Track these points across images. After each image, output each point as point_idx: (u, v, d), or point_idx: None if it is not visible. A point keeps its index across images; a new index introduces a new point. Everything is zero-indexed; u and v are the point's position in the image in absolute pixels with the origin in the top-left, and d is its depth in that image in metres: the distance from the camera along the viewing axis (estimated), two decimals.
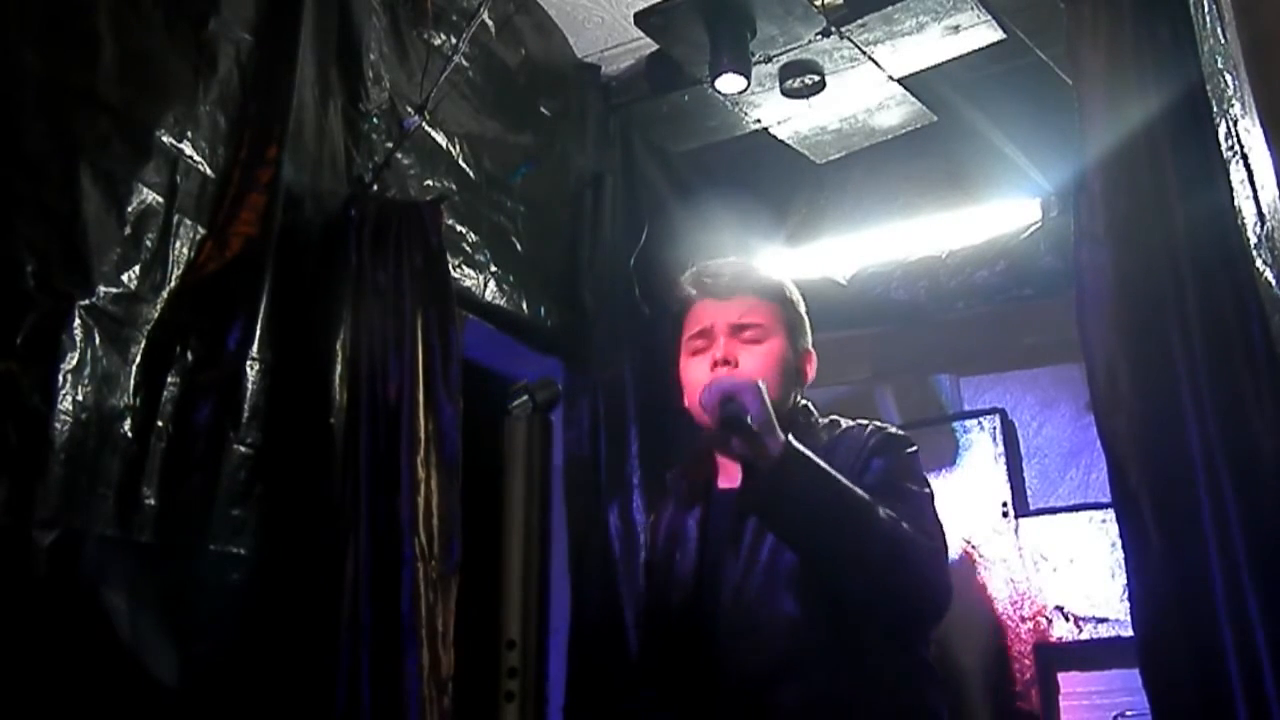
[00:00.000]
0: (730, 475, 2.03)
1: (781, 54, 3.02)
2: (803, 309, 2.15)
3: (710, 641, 1.91)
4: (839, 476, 1.78)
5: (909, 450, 1.98)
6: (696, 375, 2.02)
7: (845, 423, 2.05)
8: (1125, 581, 2.07)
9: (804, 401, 2.10)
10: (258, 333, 2.09)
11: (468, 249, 2.84)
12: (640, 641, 2.28)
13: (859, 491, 1.78)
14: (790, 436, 1.77)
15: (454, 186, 2.83)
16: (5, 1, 1.79)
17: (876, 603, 1.80)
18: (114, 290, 1.89)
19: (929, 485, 1.97)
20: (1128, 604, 2.03)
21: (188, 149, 2.08)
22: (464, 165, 2.88)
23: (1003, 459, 3.28)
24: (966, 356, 3.65)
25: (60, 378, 1.77)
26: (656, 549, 2.15)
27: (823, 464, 1.78)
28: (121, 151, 1.95)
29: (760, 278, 2.12)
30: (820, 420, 2.06)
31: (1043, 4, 2.80)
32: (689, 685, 1.94)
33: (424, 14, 2.78)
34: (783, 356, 2.04)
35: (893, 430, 2.02)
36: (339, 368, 2.25)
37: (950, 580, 1.87)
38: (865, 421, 2.04)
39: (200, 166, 2.10)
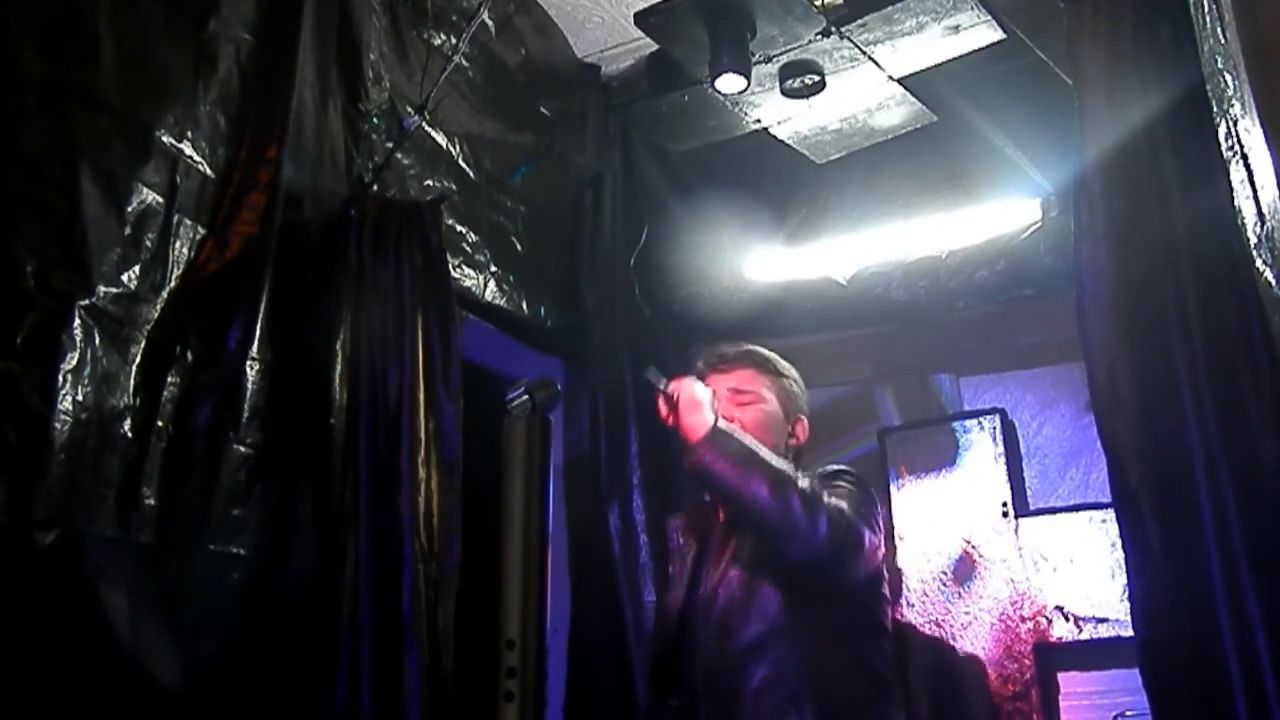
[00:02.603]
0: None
1: (781, 54, 3.02)
2: (798, 387, 2.50)
3: (689, 645, 2.23)
4: (762, 449, 2.14)
5: (850, 477, 2.28)
6: None
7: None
8: (1125, 581, 2.07)
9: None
10: (258, 333, 2.09)
11: (468, 249, 2.84)
12: (651, 660, 2.50)
13: (779, 461, 2.14)
14: (719, 419, 2.16)
15: (454, 186, 2.83)
16: (5, 2, 1.79)
17: (796, 542, 2.08)
18: (114, 290, 1.89)
19: (864, 491, 2.26)
20: (1128, 604, 2.02)
21: (188, 149, 2.08)
22: (464, 165, 2.88)
23: (1003, 459, 3.27)
24: (966, 356, 3.64)
25: (60, 378, 1.77)
26: (663, 591, 2.57)
27: (749, 439, 2.15)
28: (121, 151, 1.95)
29: (760, 356, 2.47)
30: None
31: (1043, 4, 2.80)
32: (675, 688, 2.23)
33: (424, 14, 2.78)
34: (772, 416, 2.39)
35: (844, 467, 2.32)
36: (339, 368, 2.25)
37: (860, 534, 2.15)
38: (834, 467, 2.35)
39: (200, 166, 2.11)
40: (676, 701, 2.22)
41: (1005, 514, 3.22)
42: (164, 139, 2.03)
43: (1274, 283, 1.87)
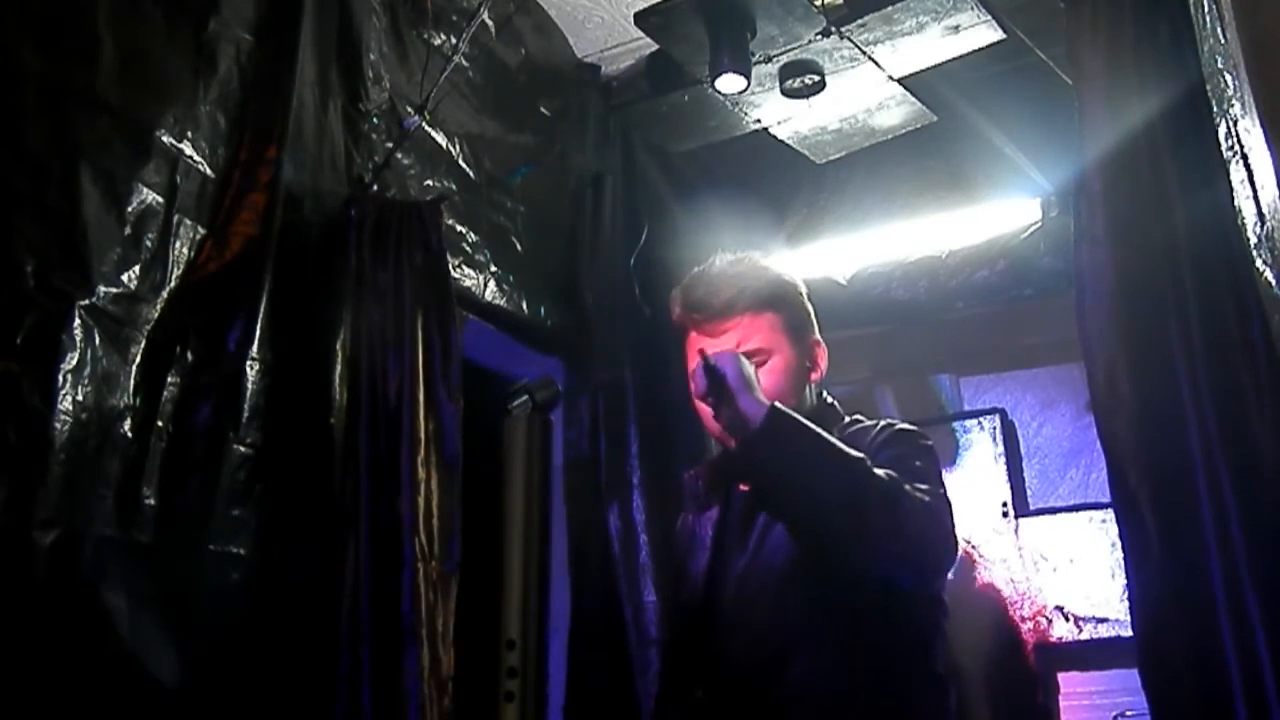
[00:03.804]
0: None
1: (781, 54, 3.02)
2: (802, 299, 2.08)
3: (714, 636, 1.91)
4: (829, 436, 1.75)
5: (920, 440, 1.93)
6: (703, 406, 1.90)
7: (865, 420, 2.01)
8: (1125, 581, 2.07)
9: (829, 399, 2.06)
10: (258, 333, 2.09)
11: (468, 249, 2.84)
12: (666, 644, 2.26)
13: (850, 450, 1.75)
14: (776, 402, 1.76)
15: (454, 186, 2.83)
16: (5, 1, 1.79)
17: (874, 557, 1.72)
18: (114, 290, 1.89)
19: (936, 464, 1.90)
20: (1128, 604, 2.03)
21: (188, 149, 2.08)
22: (464, 165, 2.88)
23: (1003, 459, 3.28)
24: (966, 356, 3.64)
25: (60, 378, 1.77)
26: (678, 557, 2.16)
27: (811, 425, 1.75)
28: (121, 151, 1.95)
29: (751, 291, 1.99)
30: (843, 416, 2.02)
31: (1043, 4, 2.80)
32: (699, 680, 1.93)
33: (424, 14, 2.78)
34: (789, 367, 1.99)
35: (905, 426, 1.96)
36: (339, 368, 2.25)
37: (953, 535, 1.80)
38: (884, 420, 2.00)
39: (200, 166, 2.10)
40: (701, 694, 1.91)
41: (1005, 514, 3.23)
42: (164, 139, 2.03)
43: (1274, 283, 1.87)
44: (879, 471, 1.73)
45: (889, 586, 1.79)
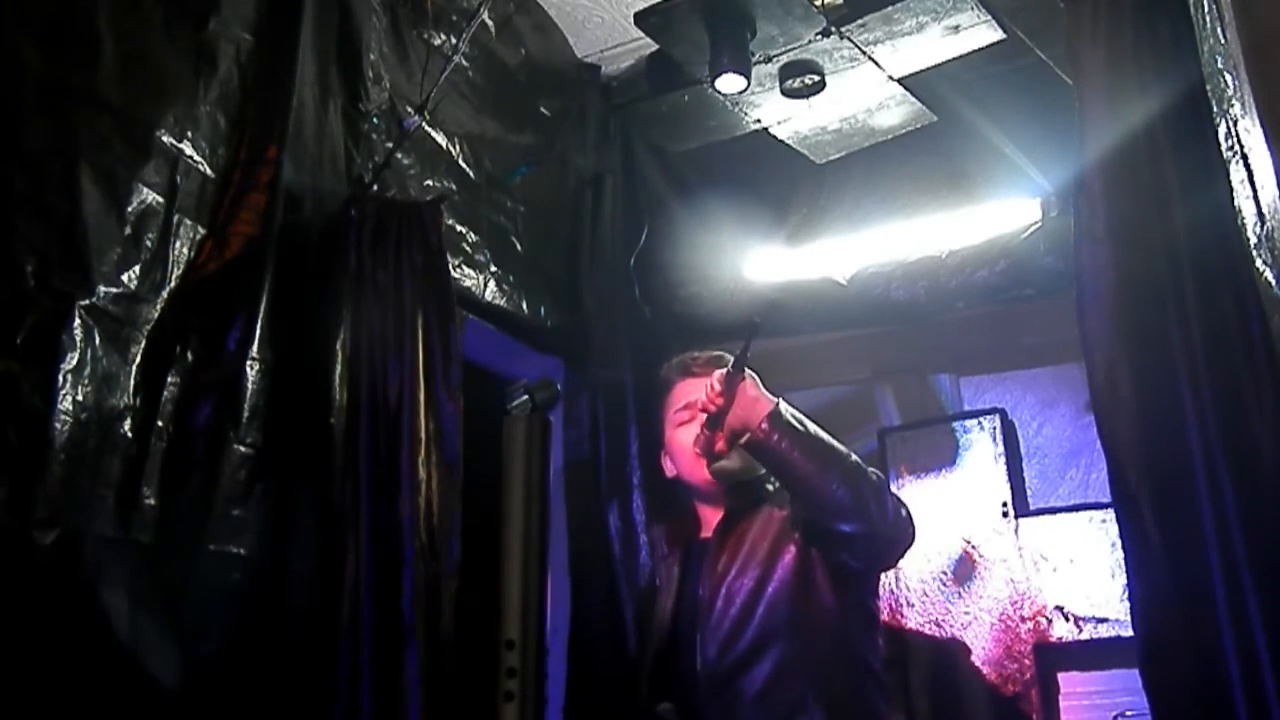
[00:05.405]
0: (709, 527, 2.34)
1: (781, 54, 3.02)
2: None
3: (686, 649, 2.20)
4: (829, 436, 2.17)
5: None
6: (685, 440, 2.32)
7: None
8: (1125, 581, 2.07)
9: None
10: (258, 333, 2.09)
11: (468, 249, 2.84)
12: (637, 668, 2.48)
13: (848, 451, 2.16)
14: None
15: (454, 186, 2.83)
16: (5, 2, 1.79)
17: (860, 513, 2.08)
18: (114, 290, 1.89)
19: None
20: (1128, 604, 2.03)
21: (188, 149, 2.08)
22: (464, 165, 2.88)
23: (1003, 459, 3.28)
24: (966, 356, 3.64)
25: (60, 378, 1.77)
26: (647, 593, 2.50)
27: (812, 424, 2.17)
28: (121, 151, 1.95)
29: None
30: None
31: (1043, 4, 2.80)
32: (677, 689, 2.21)
33: (424, 14, 2.78)
34: None
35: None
36: (339, 368, 2.25)
37: (912, 525, 2.16)
38: None
39: (200, 166, 2.11)
40: (667, 706, 2.21)
41: (1005, 514, 3.22)
42: (164, 139, 2.03)
43: (1274, 283, 1.87)
44: (872, 472, 2.13)
45: (860, 554, 2.16)
